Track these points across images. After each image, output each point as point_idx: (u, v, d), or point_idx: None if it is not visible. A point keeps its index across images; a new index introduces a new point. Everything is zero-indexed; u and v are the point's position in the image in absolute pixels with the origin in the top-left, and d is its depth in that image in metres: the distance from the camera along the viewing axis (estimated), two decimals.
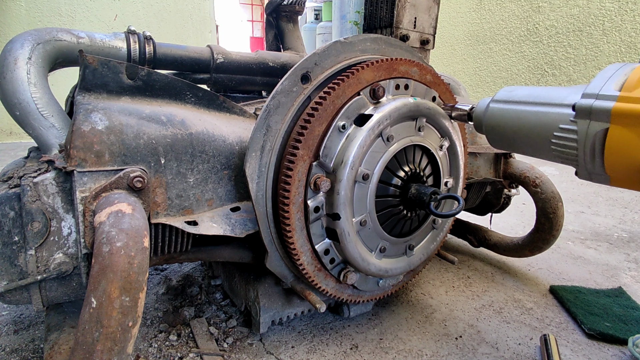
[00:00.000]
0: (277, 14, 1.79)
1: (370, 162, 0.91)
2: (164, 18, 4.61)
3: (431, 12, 1.37)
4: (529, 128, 0.77)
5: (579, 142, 0.67)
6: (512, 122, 0.81)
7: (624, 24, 3.72)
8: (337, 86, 0.86)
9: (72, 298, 0.86)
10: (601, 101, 0.64)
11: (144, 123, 0.82)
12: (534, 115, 0.76)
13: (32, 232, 0.76)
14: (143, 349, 1.04)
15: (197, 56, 1.29)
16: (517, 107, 0.80)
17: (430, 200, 0.93)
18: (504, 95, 0.85)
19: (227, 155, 0.92)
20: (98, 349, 0.60)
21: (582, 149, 0.68)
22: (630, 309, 1.27)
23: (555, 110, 0.71)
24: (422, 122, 0.98)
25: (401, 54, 1.05)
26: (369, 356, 1.05)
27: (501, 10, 4.79)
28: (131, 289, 0.63)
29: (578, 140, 0.68)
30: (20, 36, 0.94)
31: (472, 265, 1.59)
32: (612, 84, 0.64)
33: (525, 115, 0.78)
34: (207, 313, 1.21)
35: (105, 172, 0.77)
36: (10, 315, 1.19)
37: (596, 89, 0.65)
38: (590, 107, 0.64)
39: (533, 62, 4.50)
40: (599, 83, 0.66)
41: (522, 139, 0.79)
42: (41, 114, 0.87)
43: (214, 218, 0.90)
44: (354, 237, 0.92)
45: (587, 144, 0.66)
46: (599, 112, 0.63)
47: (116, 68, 0.83)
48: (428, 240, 1.11)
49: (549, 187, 1.39)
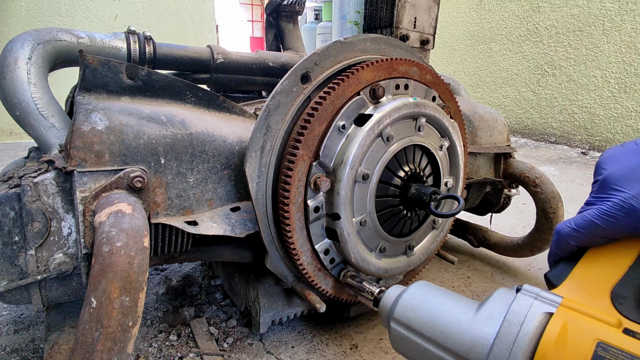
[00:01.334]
0: (277, 14, 1.79)
1: (370, 162, 0.91)
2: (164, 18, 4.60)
3: (431, 12, 1.37)
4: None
5: None
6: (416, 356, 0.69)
7: (624, 24, 3.72)
8: (337, 86, 0.86)
9: (72, 298, 0.86)
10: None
11: (144, 123, 0.82)
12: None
13: (32, 232, 0.76)
14: (143, 349, 1.04)
15: (197, 56, 1.29)
16: (419, 340, 0.68)
17: (430, 200, 0.93)
18: (404, 314, 0.71)
19: (227, 155, 0.92)
20: (98, 349, 0.60)
21: None
22: None
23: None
24: (422, 122, 0.98)
25: (401, 54, 1.05)
26: (368, 356, 1.05)
27: (501, 10, 4.79)
28: (131, 289, 0.63)
29: None
30: (20, 36, 0.94)
31: (472, 265, 1.59)
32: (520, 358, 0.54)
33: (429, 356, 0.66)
34: (207, 313, 1.21)
35: (105, 172, 0.77)
36: (10, 315, 1.19)
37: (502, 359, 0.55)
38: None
39: (533, 62, 4.50)
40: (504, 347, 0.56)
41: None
42: (41, 114, 0.87)
43: (214, 218, 0.90)
44: (353, 237, 0.92)
45: None
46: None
47: (116, 68, 0.83)
48: (428, 240, 1.12)
49: (549, 187, 1.39)
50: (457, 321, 0.64)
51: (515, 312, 0.58)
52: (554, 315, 0.56)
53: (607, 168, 0.67)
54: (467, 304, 0.67)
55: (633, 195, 0.59)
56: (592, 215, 0.64)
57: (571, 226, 0.68)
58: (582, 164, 3.49)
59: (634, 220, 0.60)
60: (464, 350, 0.61)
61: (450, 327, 0.64)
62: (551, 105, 4.35)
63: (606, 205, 0.62)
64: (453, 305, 0.68)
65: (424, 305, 0.70)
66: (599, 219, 0.63)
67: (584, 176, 3.04)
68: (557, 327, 0.54)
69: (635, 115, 3.67)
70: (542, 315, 0.57)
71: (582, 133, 4.08)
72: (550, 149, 4.08)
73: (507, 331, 0.57)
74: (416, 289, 0.75)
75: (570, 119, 4.18)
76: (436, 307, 0.69)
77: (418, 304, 0.71)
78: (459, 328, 0.63)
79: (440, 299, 0.71)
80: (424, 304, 0.71)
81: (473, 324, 0.62)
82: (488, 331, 0.59)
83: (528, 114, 4.60)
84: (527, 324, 0.56)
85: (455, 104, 1.11)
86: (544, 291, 0.61)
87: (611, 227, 0.62)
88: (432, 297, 0.72)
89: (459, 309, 0.66)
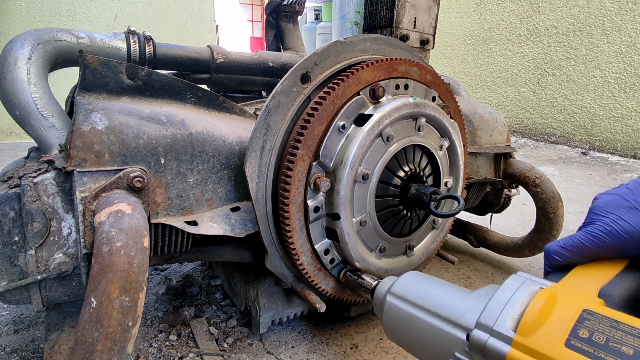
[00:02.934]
0: (277, 14, 1.79)
1: (370, 162, 0.91)
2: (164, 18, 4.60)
3: (431, 12, 1.37)
4: (423, 341, 0.69)
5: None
6: (407, 328, 0.72)
7: (624, 24, 3.71)
8: (337, 86, 0.86)
9: (72, 298, 0.86)
10: (495, 340, 0.57)
11: (144, 123, 0.82)
12: (429, 329, 0.67)
13: (32, 232, 0.76)
14: (143, 349, 1.04)
15: (197, 56, 1.29)
16: (413, 310, 0.71)
17: (430, 200, 0.93)
18: (401, 288, 0.75)
19: (227, 155, 0.92)
20: (98, 348, 0.60)
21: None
22: None
23: (451, 331, 0.63)
24: (421, 122, 0.98)
25: (401, 54, 1.05)
26: (369, 356, 1.06)
27: (501, 10, 4.79)
28: (131, 289, 0.63)
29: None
30: (20, 36, 0.94)
31: (472, 265, 1.59)
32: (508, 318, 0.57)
33: (420, 325, 0.69)
34: (207, 313, 1.21)
35: (105, 172, 0.77)
36: (10, 315, 1.19)
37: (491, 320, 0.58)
38: (484, 345, 0.58)
39: (533, 62, 4.50)
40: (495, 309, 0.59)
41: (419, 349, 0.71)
42: (41, 114, 0.87)
43: (214, 218, 0.90)
44: (353, 237, 0.92)
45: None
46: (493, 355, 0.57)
47: (116, 68, 0.83)
48: (428, 240, 1.12)
49: (549, 187, 1.39)
50: (452, 294, 0.68)
51: (507, 284, 0.62)
52: (544, 289, 0.60)
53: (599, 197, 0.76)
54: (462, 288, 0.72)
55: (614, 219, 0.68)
56: (579, 236, 0.73)
57: (559, 245, 0.75)
58: (582, 164, 3.49)
59: (614, 241, 0.68)
60: (455, 316, 0.64)
61: (445, 298, 0.68)
62: (551, 105, 4.35)
63: (591, 227, 0.71)
64: (449, 285, 0.73)
65: (422, 281, 0.75)
66: (585, 239, 0.71)
67: (584, 176, 3.04)
68: (545, 295, 0.58)
69: (635, 115, 3.67)
70: (533, 288, 0.61)
71: (582, 133, 4.08)
72: (550, 149, 4.08)
73: (499, 297, 0.60)
74: (414, 273, 0.80)
75: (570, 119, 4.18)
76: (433, 284, 0.74)
77: (416, 280, 0.76)
78: (454, 298, 0.67)
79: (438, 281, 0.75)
80: (422, 281, 0.76)
81: (467, 297, 0.66)
82: (481, 302, 0.62)
83: (528, 114, 4.60)
84: (518, 292, 0.60)
85: (455, 104, 1.11)
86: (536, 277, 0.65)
87: (595, 246, 0.70)
88: (430, 279, 0.77)
89: (455, 287, 0.72)
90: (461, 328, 0.62)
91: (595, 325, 0.52)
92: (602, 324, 0.52)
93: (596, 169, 3.32)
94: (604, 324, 0.52)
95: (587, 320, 0.53)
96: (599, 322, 0.53)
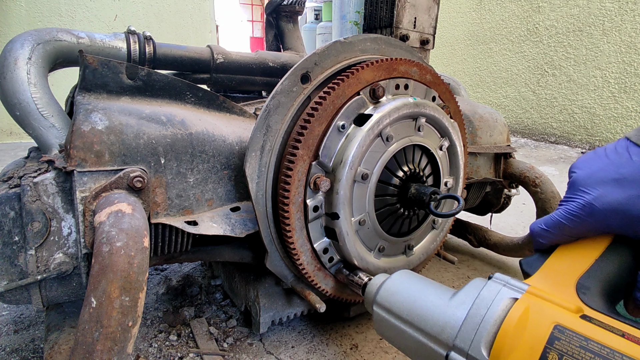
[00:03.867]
0: (277, 14, 1.79)
1: (369, 162, 0.91)
2: (164, 18, 4.60)
3: (431, 12, 1.37)
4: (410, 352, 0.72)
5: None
6: (394, 338, 0.75)
7: (624, 24, 3.72)
8: (337, 86, 0.86)
9: (72, 298, 0.86)
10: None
11: (144, 123, 0.82)
12: (413, 342, 0.70)
13: (32, 232, 0.76)
14: (143, 349, 1.05)
15: (197, 56, 1.29)
16: (397, 323, 0.73)
17: (430, 200, 0.93)
18: (385, 299, 0.77)
19: (227, 155, 0.92)
20: (98, 348, 0.60)
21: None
22: None
23: (433, 347, 0.65)
24: (421, 122, 0.98)
25: (401, 54, 1.05)
26: (369, 356, 1.06)
27: (501, 10, 4.79)
28: (131, 289, 0.63)
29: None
30: (20, 36, 0.94)
31: (472, 265, 1.59)
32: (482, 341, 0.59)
33: (405, 338, 0.71)
34: (207, 313, 1.21)
35: (105, 172, 0.77)
36: (10, 315, 1.19)
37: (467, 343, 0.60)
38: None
39: (533, 62, 4.50)
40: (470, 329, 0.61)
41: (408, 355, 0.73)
42: (41, 114, 0.88)
43: (214, 218, 0.90)
44: (352, 236, 0.92)
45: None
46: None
47: (116, 68, 0.83)
48: (428, 240, 1.12)
49: (549, 187, 1.39)
50: (432, 305, 0.69)
51: (484, 297, 0.63)
52: (518, 300, 0.61)
53: (577, 171, 0.71)
54: (444, 291, 0.71)
55: (594, 197, 0.64)
56: (559, 215, 0.69)
57: (541, 226, 0.72)
58: None
59: (596, 220, 0.64)
60: (436, 331, 0.65)
61: (425, 311, 0.69)
62: (551, 105, 4.35)
63: (571, 206, 0.67)
64: (431, 291, 0.73)
65: (404, 291, 0.76)
66: (565, 218, 0.68)
67: None
68: (519, 310, 0.59)
69: (635, 115, 3.67)
70: (508, 300, 0.61)
71: (582, 133, 4.08)
72: (550, 149, 4.08)
73: (474, 314, 0.62)
74: (398, 277, 0.80)
75: (570, 119, 4.18)
76: (415, 293, 0.74)
77: (399, 289, 0.77)
78: (434, 312, 0.68)
79: (420, 286, 0.75)
80: (404, 290, 0.76)
81: (446, 308, 0.67)
82: (459, 314, 0.64)
83: (528, 114, 4.60)
84: (493, 307, 0.61)
85: (455, 104, 1.11)
86: (513, 279, 0.66)
87: (576, 226, 0.67)
88: (412, 284, 0.76)
89: (436, 295, 0.71)
90: (442, 345, 0.64)
91: (565, 347, 0.53)
92: (572, 344, 0.53)
93: None
94: (573, 344, 0.53)
95: (558, 341, 0.54)
96: (569, 341, 0.54)
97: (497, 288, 0.64)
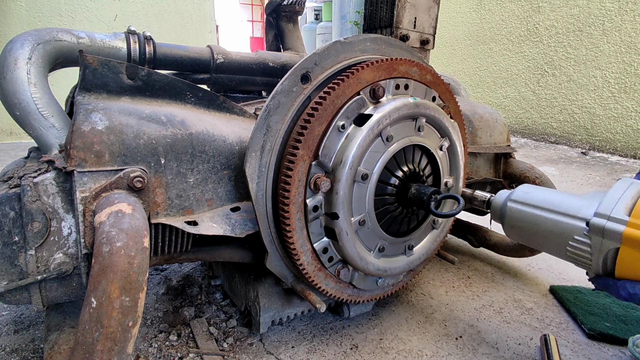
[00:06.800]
0: (277, 14, 1.79)
1: (369, 162, 0.91)
2: (164, 18, 4.60)
3: (431, 12, 1.37)
4: (546, 233, 0.86)
5: (593, 254, 0.78)
6: (530, 225, 0.89)
7: (624, 24, 3.71)
8: (337, 86, 0.86)
9: (72, 298, 0.86)
10: (613, 223, 0.73)
11: (144, 123, 0.82)
12: (550, 223, 0.84)
13: (32, 232, 0.76)
14: (143, 349, 1.04)
15: (197, 56, 1.29)
16: (534, 211, 0.88)
17: (430, 200, 0.93)
18: (521, 196, 0.92)
19: (227, 155, 0.92)
20: (98, 349, 0.60)
21: (595, 260, 0.78)
22: (630, 309, 1.27)
23: (571, 222, 0.81)
24: (421, 122, 0.98)
25: (401, 54, 1.05)
26: (369, 356, 1.06)
27: (501, 10, 4.79)
28: (131, 289, 0.63)
29: (592, 252, 0.78)
30: (20, 36, 0.94)
31: (472, 266, 1.59)
32: (622, 207, 0.74)
33: (542, 221, 0.86)
34: (207, 313, 1.21)
35: (105, 172, 0.77)
36: (10, 315, 1.19)
37: (607, 210, 0.75)
38: (603, 227, 0.74)
39: (533, 62, 4.50)
40: (609, 203, 0.75)
41: (540, 240, 0.88)
42: (41, 114, 0.87)
43: (214, 218, 0.90)
44: (352, 236, 0.92)
45: (600, 256, 0.77)
46: (611, 233, 0.73)
47: (116, 68, 0.83)
48: (428, 240, 1.11)
49: (549, 186, 1.39)
50: (567, 196, 0.85)
51: (617, 186, 0.78)
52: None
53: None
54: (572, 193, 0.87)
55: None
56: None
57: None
58: (582, 164, 3.49)
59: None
60: (574, 211, 0.81)
61: (561, 199, 0.85)
62: (551, 105, 4.35)
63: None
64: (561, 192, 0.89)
65: (538, 190, 0.91)
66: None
67: (584, 176, 3.04)
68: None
69: (635, 115, 3.67)
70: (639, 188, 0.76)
71: (582, 133, 4.08)
72: (550, 149, 4.08)
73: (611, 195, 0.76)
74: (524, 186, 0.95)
75: (570, 119, 4.18)
76: (547, 191, 0.90)
77: (532, 189, 0.92)
78: (571, 200, 0.83)
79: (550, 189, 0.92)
80: (537, 190, 0.92)
81: (581, 198, 0.83)
82: (594, 200, 0.79)
83: (528, 114, 4.60)
84: (627, 191, 0.76)
85: (455, 104, 1.11)
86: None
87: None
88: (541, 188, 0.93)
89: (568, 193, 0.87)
90: (580, 219, 0.79)
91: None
92: None
93: (596, 169, 3.32)
94: None
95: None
96: None
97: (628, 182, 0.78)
